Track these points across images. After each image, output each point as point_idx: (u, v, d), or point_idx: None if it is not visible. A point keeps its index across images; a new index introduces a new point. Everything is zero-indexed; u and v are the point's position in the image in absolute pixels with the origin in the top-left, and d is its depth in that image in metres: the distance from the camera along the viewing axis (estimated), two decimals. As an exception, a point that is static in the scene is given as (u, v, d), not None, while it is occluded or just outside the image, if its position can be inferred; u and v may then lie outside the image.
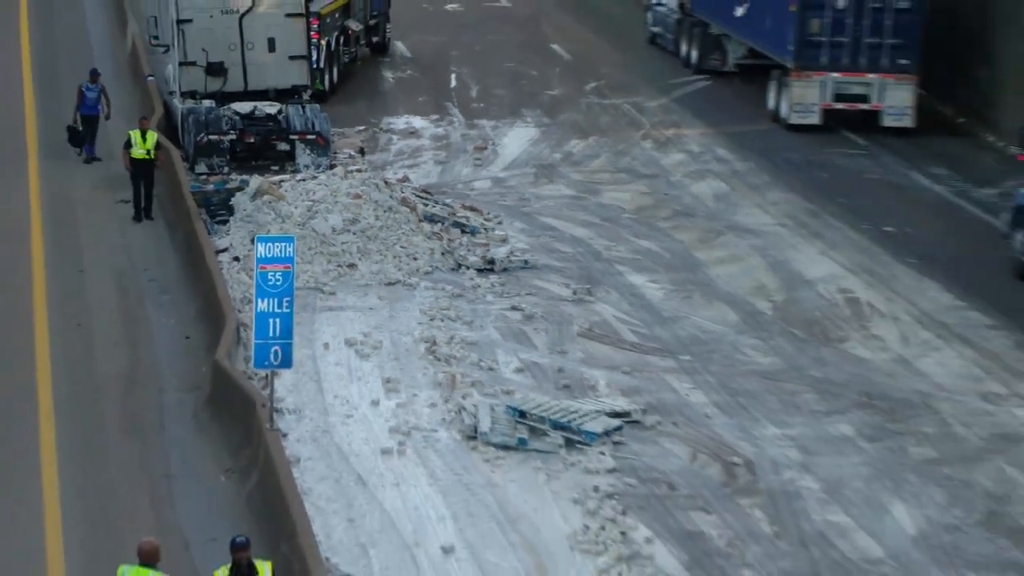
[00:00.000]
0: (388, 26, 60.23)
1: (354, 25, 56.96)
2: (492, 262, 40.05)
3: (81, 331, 35.95)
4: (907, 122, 56.04)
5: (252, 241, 33.47)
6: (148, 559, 22.09)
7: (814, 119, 56.27)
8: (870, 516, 28.69)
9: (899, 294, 39.22)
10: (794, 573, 26.82)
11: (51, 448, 30.50)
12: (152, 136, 42.07)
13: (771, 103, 58.18)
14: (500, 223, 42.91)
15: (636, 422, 31.77)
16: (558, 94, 55.02)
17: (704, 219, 44.18)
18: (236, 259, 38.48)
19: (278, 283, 29.82)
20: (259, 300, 29.85)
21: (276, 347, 29.81)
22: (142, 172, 41.55)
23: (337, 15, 54.85)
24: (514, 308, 37.46)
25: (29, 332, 35.73)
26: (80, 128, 44.83)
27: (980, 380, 34.69)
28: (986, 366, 35.47)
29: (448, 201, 44.05)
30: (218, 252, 38.54)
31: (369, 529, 27.70)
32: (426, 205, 42.76)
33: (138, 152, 41.54)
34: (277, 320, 29.73)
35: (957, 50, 57.51)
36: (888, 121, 56.09)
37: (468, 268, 39.70)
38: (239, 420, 30.25)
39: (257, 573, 22.30)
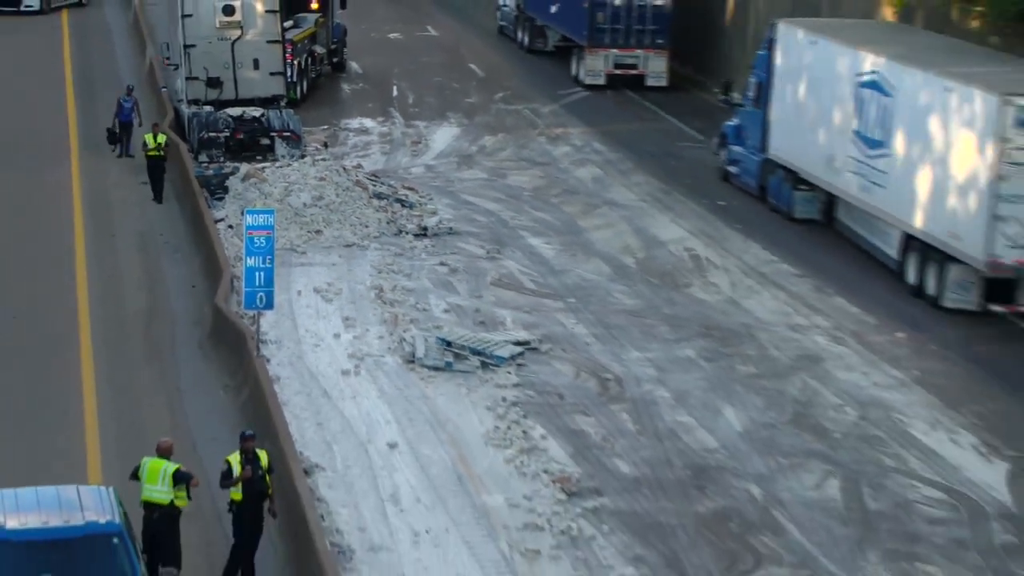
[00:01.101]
0: (345, 50, 59.51)
1: (319, 49, 56.49)
2: (425, 229, 40.11)
3: (112, 278, 36.01)
4: (663, 82, 61.93)
5: (242, 213, 32.85)
6: (164, 453, 22.14)
7: (600, 80, 61.84)
8: (708, 417, 29.05)
9: (729, 251, 39.40)
10: (651, 460, 27.05)
11: (90, 367, 30.69)
12: (162, 136, 41.92)
13: (573, 70, 63.89)
14: (431, 199, 42.81)
15: (534, 349, 31.99)
16: (474, 101, 54.78)
17: (584, 196, 44.22)
18: (230, 227, 38.36)
19: (262, 245, 30.02)
20: (248, 257, 30.00)
21: (261, 293, 30.02)
22: (155, 165, 41.43)
23: (306, 42, 54.44)
24: (442, 263, 37.57)
25: (73, 279, 35.86)
26: (117, 131, 44.60)
27: (788, 315, 34.94)
28: (793, 304, 35.68)
29: (391, 182, 43.96)
30: (216, 221, 38.51)
31: (332, 430, 27.96)
32: (375, 186, 42.73)
33: (150, 150, 41.48)
34: (262, 273, 29.94)
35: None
36: (650, 82, 61.84)
37: (407, 234, 39.74)
38: (233, 349, 30.46)
39: (259, 459, 22.29)
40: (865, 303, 35.83)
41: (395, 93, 55.83)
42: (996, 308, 34.98)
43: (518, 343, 32.23)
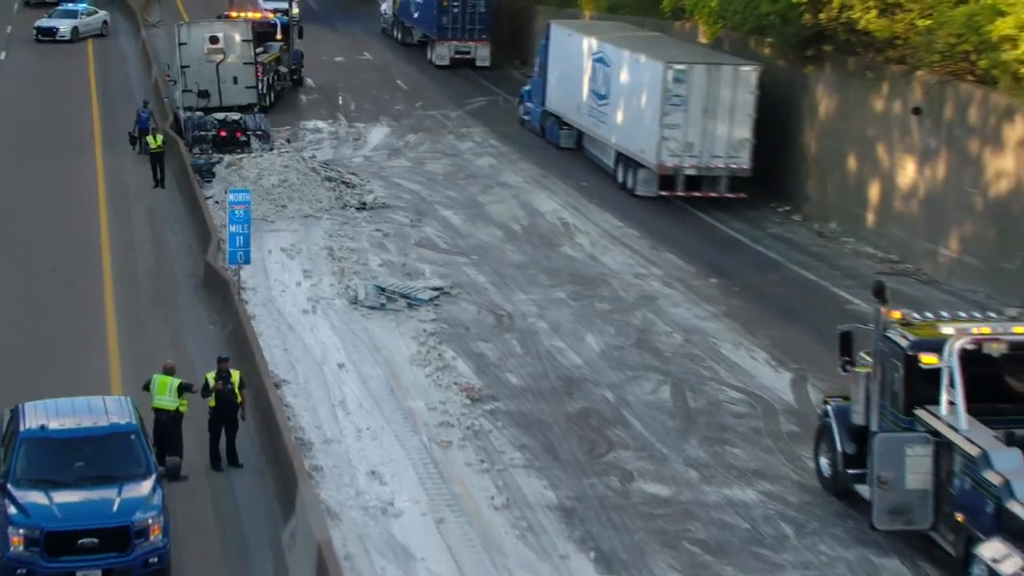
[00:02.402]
0: (302, 70, 58.90)
1: (283, 69, 55.93)
2: (364, 204, 39.85)
3: (127, 241, 35.70)
4: (487, 63, 65.45)
5: (226, 192, 32.87)
6: (169, 371, 22.30)
7: (446, 62, 65.37)
8: (574, 342, 29.23)
9: (590, 220, 39.36)
10: (533, 374, 27.28)
11: (112, 308, 30.62)
12: (161, 137, 41.32)
13: (427, 56, 66.67)
14: (368, 182, 42.48)
15: (446, 293, 32.02)
16: (400, 108, 54.44)
17: (483, 179, 44.04)
18: (216, 202, 37.87)
19: (241, 216, 30.19)
20: (230, 225, 30.23)
21: (241, 252, 30.23)
22: (156, 159, 40.84)
23: (273, 63, 53.91)
24: (377, 230, 37.41)
25: (98, 241, 35.55)
26: (136, 135, 43.98)
27: (632, 266, 34.97)
28: (635, 259, 35.70)
29: (339, 169, 43.60)
30: (206, 198, 38.15)
31: (295, 354, 27.98)
32: (326, 171, 42.45)
33: (152, 149, 40.83)
34: (241, 237, 30.13)
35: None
36: (478, 63, 65.49)
37: (350, 207, 39.48)
38: (220, 294, 30.32)
39: (231, 377, 22.42)
40: (688, 258, 35.85)
41: (340, 102, 55.60)
42: (664, 193, 41.57)
43: (434, 288, 32.20)
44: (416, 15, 68.81)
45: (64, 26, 66.02)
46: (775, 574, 20.01)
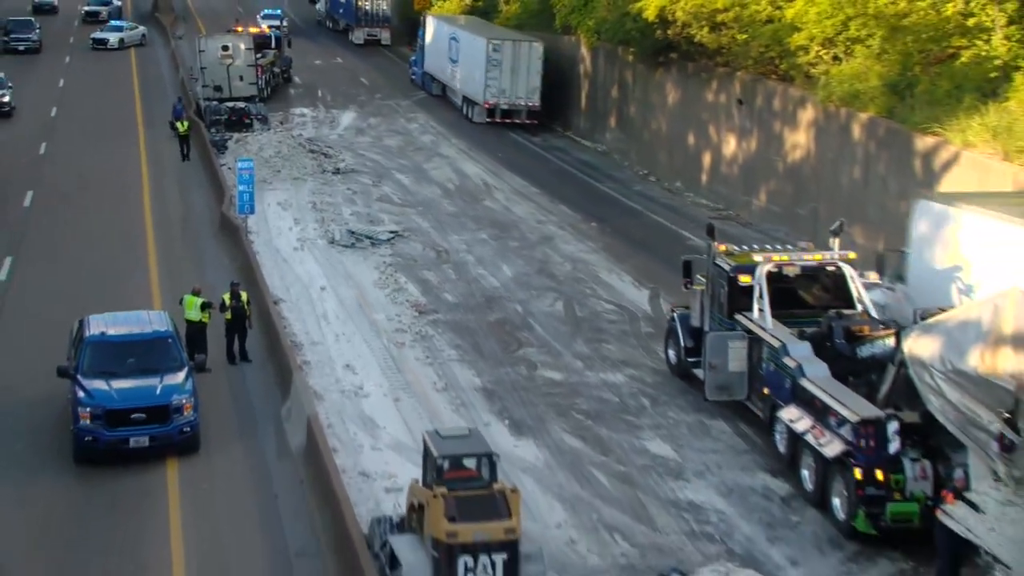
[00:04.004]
0: (290, 71, 57.69)
1: (276, 70, 54.68)
2: (338, 169, 39.21)
3: (163, 197, 35.00)
4: (388, 42, 68.74)
5: (235, 160, 32.70)
6: (196, 293, 22.18)
7: (361, 42, 68.55)
8: (494, 270, 29.09)
9: (504, 181, 39.02)
10: (464, 293, 27.14)
11: (153, 246, 30.18)
12: (187, 123, 40.41)
13: (350, 38, 69.20)
14: (341, 153, 41.80)
15: (400, 235, 31.73)
16: (364, 99, 53.39)
17: (426, 151, 43.38)
18: (228, 168, 36.77)
19: (247, 178, 29.85)
20: (239, 185, 29.92)
21: (247, 205, 29.91)
22: (184, 139, 39.88)
23: (269, 66, 52.74)
24: (348, 188, 36.87)
25: (140, 198, 34.91)
26: (173, 122, 43.06)
27: (535, 215, 34.71)
28: (536, 208, 35.46)
29: (319, 143, 42.89)
30: (221, 165, 37.45)
31: (289, 280, 27.81)
32: (309, 146, 41.91)
33: (180, 132, 39.91)
34: (247, 194, 29.86)
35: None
36: (383, 43, 68.64)
37: (328, 172, 38.87)
38: (233, 237, 29.92)
39: (242, 296, 22.34)
40: (578, 208, 35.55)
41: (320, 94, 54.75)
42: (489, 120, 46.69)
43: (391, 231, 31.97)
44: (341, 11, 72.55)
45: (113, 37, 64.60)
46: (636, 433, 20.25)
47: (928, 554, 15.71)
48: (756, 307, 19.92)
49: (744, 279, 20.16)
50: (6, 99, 44.68)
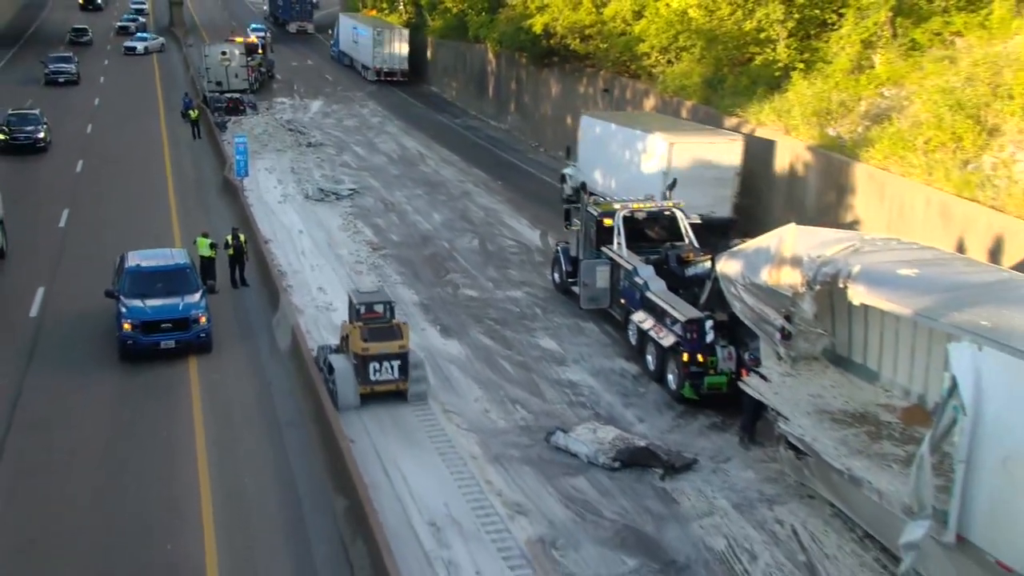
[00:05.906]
0: (273, 69, 55.63)
1: (263, 69, 52.47)
2: (310, 144, 38.02)
3: (180, 165, 33.62)
4: (312, 31, 68.34)
5: (233, 137, 31.87)
6: (205, 235, 21.56)
7: (294, 31, 68.48)
8: (427, 217, 28.49)
9: (434, 152, 37.96)
10: (405, 235, 26.56)
11: (174, 201, 29.15)
12: (196, 111, 38.79)
13: (288, 30, 69.35)
14: (312, 131, 40.46)
15: (358, 192, 31.03)
16: (329, 91, 51.35)
17: (376, 130, 41.88)
18: (228, 143, 35.38)
19: (242, 150, 28.86)
20: (236, 155, 28.84)
21: (243, 170, 28.96)
22: (194, 124, 38.40)
23: (257, 66, 50.55)
24: (318, 157, 35.79)
25: (162, 167, 33.58)
26: (183, 111, 40.84)
27: (457, 175, 34.02)
28: (459, 172, 34.67)
29: (295, 124, 41.54)
30: (222, 141, 36.09)
31: (275, 226, 27.04)
32: (288, 126, 40.65)
33: (191, 119, 38.42)
34: (242, 162, 28.89)
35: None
36: (309, 32, 68.34)
37: (302, 146, 37.63)
38: (232, 194, 29.05)
39: (241, 238, 21.69)
40: (488, 171, 34.87)
41: (295, 88, 52.73)
42: (376, 78, 50.64)
43: (351, 189, 31.23)
44: (280, 9, 73.83)
45: (140, 45, 61.80)
46: (533, 333, 20.27)
47: (733, 411, 16.16)
48: (616, 241, 19.99)
49: (607, 221, 20.13)
50: (40, 135, 35.54)
